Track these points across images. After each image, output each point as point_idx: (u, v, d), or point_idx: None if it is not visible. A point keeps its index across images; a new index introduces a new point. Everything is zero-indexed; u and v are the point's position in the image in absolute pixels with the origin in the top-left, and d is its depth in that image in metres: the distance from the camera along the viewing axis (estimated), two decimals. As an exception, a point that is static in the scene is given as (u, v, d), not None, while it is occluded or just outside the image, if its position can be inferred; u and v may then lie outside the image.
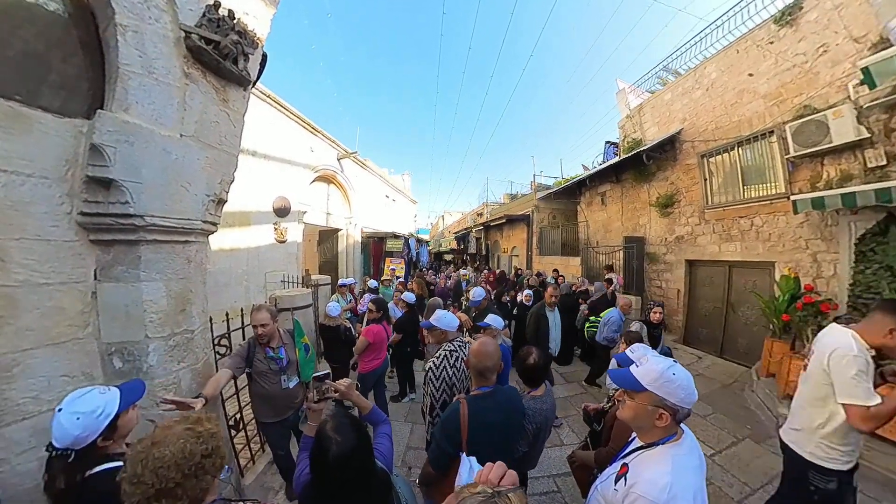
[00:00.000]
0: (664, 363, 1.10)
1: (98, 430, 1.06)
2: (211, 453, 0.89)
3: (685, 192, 6.34)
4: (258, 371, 2.24)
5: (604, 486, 1.18)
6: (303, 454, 1.26)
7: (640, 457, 1.10)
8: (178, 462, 0.82)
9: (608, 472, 1.21)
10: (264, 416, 2.35)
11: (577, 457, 1.88)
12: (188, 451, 0.84)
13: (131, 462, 0.83)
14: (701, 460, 1.07)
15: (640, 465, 1.07)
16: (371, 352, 3.22)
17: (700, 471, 1.04)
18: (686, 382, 1.04)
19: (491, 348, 1.52)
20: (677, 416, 1.05)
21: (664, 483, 0.95)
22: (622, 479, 1.09)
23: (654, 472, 1.00)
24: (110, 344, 1.52)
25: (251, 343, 2.26)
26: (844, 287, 3.94)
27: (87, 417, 1.04)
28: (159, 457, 0.82)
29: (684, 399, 1.03)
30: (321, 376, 1.37)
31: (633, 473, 1.07)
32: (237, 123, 1.97)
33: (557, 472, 2.81)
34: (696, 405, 1.11)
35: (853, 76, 3.91)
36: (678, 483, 0.95)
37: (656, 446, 1.07)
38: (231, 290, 6.04)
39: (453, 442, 1.37)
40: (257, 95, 6.43)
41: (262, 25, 2.01)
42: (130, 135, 1.41)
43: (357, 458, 1.03)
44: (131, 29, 1.44)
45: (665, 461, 1.01)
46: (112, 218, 1.43)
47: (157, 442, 0.85)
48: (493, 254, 15.53)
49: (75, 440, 1.02)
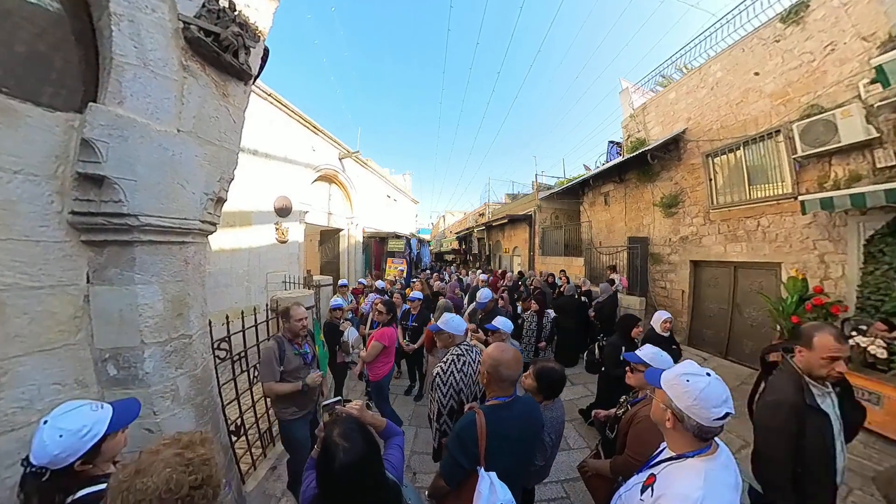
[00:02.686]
0: (689, 368, 1.07)
1: (79, 452, 0.95)
2: (201, 484, 0.79)
3: (690, 193, 6.28)
4: (290, 369, 2.28)
5: (628, 495, 1.14)
6: (308, 472, 1.19)
7: (669, 468, 1.04)
8: (160, 495, 0.73)
9: (633, 481, 1.17)
10: (290, 414, 2.33)
11: (589, 466, 1.82)
12: (174, 482, 0.75)
13: (112, 493, 0.75)
14: (737, 479, 1.01)
15: (669, 477, 1.02)
16: (384, 356, 3.16)
17: (736, 490, 0.98)
18: (701, 394, 0.98)
19: (511, 355, 1.43)
20: (685, 423, 1.00)
21: (696, 497, 0.90)
22: (649, 489, 1.04)
23: (685, 486, 0.95)
24: (104, 350, 1.44)
25: (280, 344, 2.31)
26: (853, 288, 3.88)
27: (70, 437, 0.93)
28: (141, 488, 0.73)
29: (691, 407, 0.98)
30: (331, 404, 1.32)
31: (660, 485, 1.02)
32: (237, 119, 1.90)
33: (566, 477, 2.74)
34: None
35: (862, 75, 3.86)
36: (710, 498, 0.90)
37: (687, 458, 1.02)
38: (232, 290, 5.96)
39: (469, 455, 1.29)
40: (258, 93, 6.36)
41: (264, 18, 1.94)
42: (124, 129, 1.34)
43: (366, 466, 0.96)
44: (127, 18, 1.37)
45: (697, 475, 0.95)
46: (104, 217, 1.36)
47: (142, 470, 0.76)
48: (495, 254, 15.47)
49: (52, 459, 0.91)
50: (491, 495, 1.09)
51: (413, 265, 12.61)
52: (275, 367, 2.21)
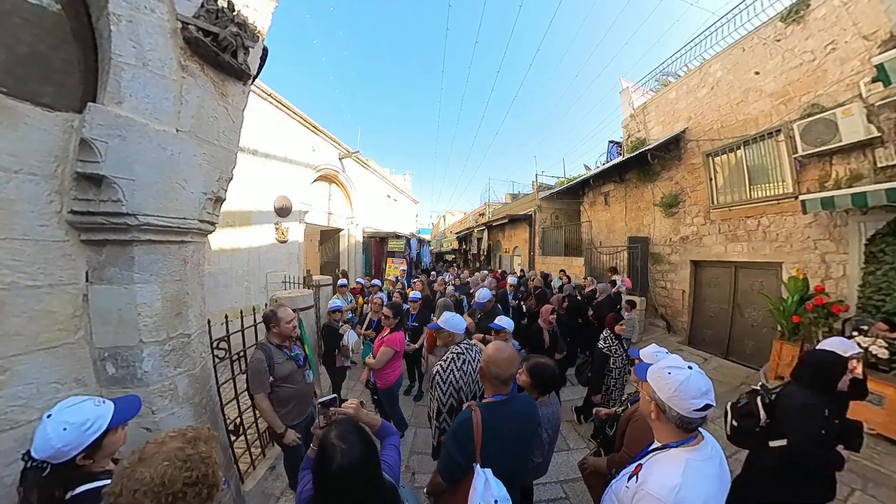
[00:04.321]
0: (671, 362, 1.12)
1: (82, 445, 0.97)
2: (196, 481, 0.79)
3: (690, 192, 6.27)
4: (283, 375, 2.17)
5: (617, 485, 1.18)
6: (304, 472, 1.19)
7: (654, 457, 1.09)
8: (154, 488, 0.73)
9: (623, 473, 1.20)
10: (290, 420, 2.23)
11: (588, 463, 1.82)
12: (168, 476, 0.75)
13: (116, 476, 0.77)
14: (723, 471, 1.03)
15: (653, 465, 1.07)
16: (393, 361, 3.14)
17: (719, 480, 1.00)
18: (680, 385, 1.02)
19: (509, 354, 1.43)
20: (667, 413, 1.04)
21: (674, 484, 0.94)
22: (634, 477, 1.08)
23: (664, 472, 1.00)
24: (103, 349, 1.44)
25: (267, 352, 2.14)
26: (854, 288, 3.88)
27: (74, 430, 0.95)
28: (139, 478, 0.74)
29: (671, 398, 1.02)
30: (327, 402, 1.31)
31: (645, 472, 1.06)
32: (236, 119, 1.90)
33: (565, 477, 2.74)
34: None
35: (863, 73, 3.85)
36: (689, 486, 0.93)
37: (670, 448, 1.06)
38: (231, 290, 5.97)
39: (465, 453, 1.29)
40: (258, 93, 6.37)
41: (263, 18, 1.94)
42: (123, 129, 1.34)
43: (363, 468, 0.96)
44: (125, 18, 1.37)
45: (678, 464, 1.00)
46: (103, 217, 1.36)
47: (144, 459, 0.77)
48: (495, 254, 15.46)
49: (56, 453, 0.93)
50: (486, 492, 1.10)
51: (413, 265, 12.60)
52: (265, 379, 2.08)
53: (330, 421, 1.25)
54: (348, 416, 1.26)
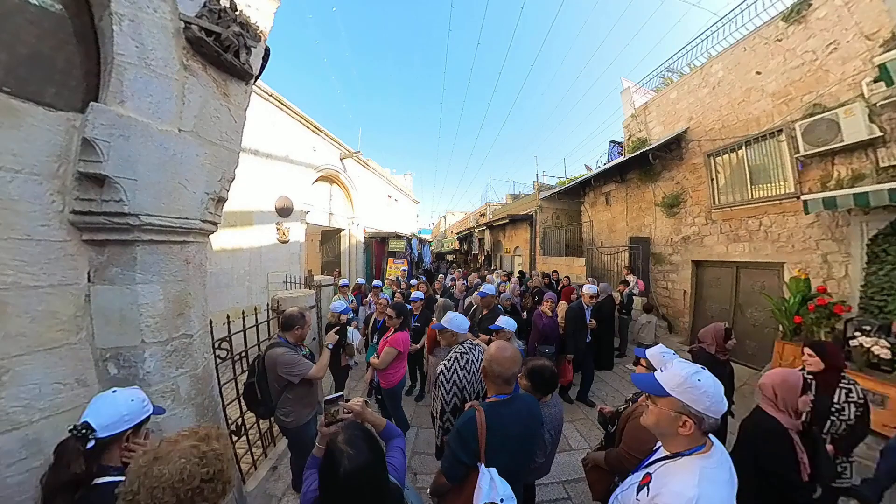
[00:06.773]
0: (689, 368, 1.04)
1: (135, 420, 1.10)
2: (212, 477, 0.81)
3: (691, 192, 6.26)
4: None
5: (624, 495, 1.14)
6: (310, 471, 1.18)
7: (664, 467, 1.04)
8: (173, 484, 0.75)
9: (630, 481, 1.16)
10: (305, 416, 2.31)
11: (589, 458, 1.82)
12: (187, 472, 0.77)
13: (130, 475, 0.78)
14: (732, 475, 1.01)
15: (664, 476, 1.02)
16: (397, 361, 3.14)
17: (730, 485, 0.98)
18: (713, 390, 0.98)
19: (511, 353, 1.43)
20: (703, 425, 0.99)
21: (690, 496, 0.90)
22: (645, 488, 1.04)
23: (680, 485, 0.95)
24: (105, 350, 1.44)
25: (293, 348, 2.26)
26: (856, 288, 3.86)
27: (138, 403, 1.12)
28: (157, 475, 0.75)
29: (710, 407, 0.97)
30: (333, 399, 1.30)
31: (656, 484, 1.02)
32: (238, 119, 1.90)
33: (567, 478, 2.74)
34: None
35: (865, 73, 3.84)
36: (706, 497, 0.90)
37: (682, 457, 1.01)
38: (233, 290, 5.97)
39: (469, 452, 1.29)
40: (259, 93, 6.37)
41: (265, 18, 1.94)
42: (125, 129, 1.34)
43: (370, 473, 0.96)
44: (128, 18, 1.37)
45: (692, 473, 0.95)
46: (106, 217, 1.36)
47: (160, 457, 0.78)
48: (496, 254, 15.45)
49: (117, 420, 1.05)
50: (491, 491, 1.09)
51: (414, 265, 12.60)
52: (302, 361, 2.18)
53: (336, 418, 1.25)
54: (354, 412, 1.26)
